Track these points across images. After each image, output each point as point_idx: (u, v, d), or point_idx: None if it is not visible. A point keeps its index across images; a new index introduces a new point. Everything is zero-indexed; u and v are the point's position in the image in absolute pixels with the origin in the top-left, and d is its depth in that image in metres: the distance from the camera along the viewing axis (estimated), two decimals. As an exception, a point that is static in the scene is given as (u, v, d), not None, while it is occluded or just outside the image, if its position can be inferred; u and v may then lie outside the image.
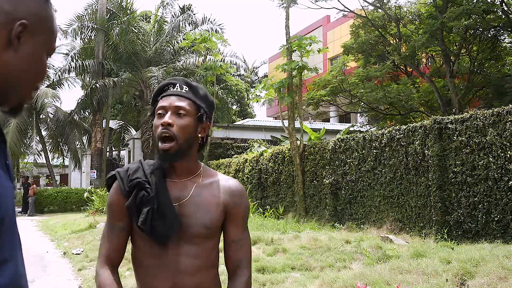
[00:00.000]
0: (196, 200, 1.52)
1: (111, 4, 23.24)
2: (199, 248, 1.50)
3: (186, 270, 1.49)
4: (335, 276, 5.33)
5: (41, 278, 6.92)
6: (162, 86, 1.57)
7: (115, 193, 1.55)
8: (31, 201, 21.55)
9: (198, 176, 1.56)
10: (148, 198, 1.48)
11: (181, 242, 1.49)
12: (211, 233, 1.52)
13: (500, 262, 4.92)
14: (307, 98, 16.77)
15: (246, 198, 1.61)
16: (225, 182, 1.58)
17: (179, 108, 1.49)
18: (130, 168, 1.57)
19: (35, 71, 0.89)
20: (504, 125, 6.91)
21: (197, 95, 1.54)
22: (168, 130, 1.46)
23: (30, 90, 0.91)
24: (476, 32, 14.46)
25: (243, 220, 1.58)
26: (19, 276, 0.83)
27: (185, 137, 1.48)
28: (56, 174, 30.61)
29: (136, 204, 1.49)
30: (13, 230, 0.83)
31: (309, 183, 11.78)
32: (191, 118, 1.50)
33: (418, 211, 8.52)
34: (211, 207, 1.52)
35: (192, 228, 1.49)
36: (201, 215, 1.50)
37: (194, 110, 1.51)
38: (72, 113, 24.17)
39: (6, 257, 0.80)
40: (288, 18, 12.83)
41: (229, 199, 1.55)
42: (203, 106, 1.54)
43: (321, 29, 31.33)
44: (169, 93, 1.53)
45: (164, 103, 1.50)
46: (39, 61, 0.89)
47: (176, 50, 23.67)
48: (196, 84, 1.57)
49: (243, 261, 1.56)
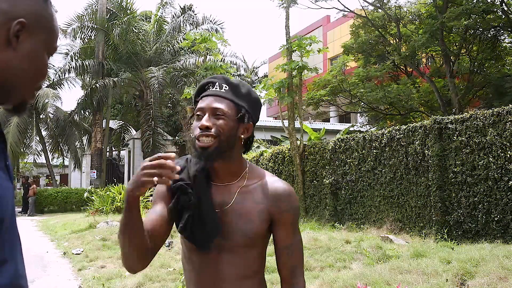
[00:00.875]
0: (238, 207, 1.44)
1: (111, 4, 23.25)
2: (241, 257, 1.44)
3: (226, 279, 1.43)
4: (335, 276, 5.33)
5: (41, 278, 6.91)
6: (202, 85, 1.49)
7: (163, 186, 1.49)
8: (31, 201, 21.55)
9: (242, 179, 1.48)
10: (189, 203, 1.43)
11: (222, 250, 1.44)
12: (253, 242, 1.45)
13: (500, 262, 4.92)
14: (307, 98, 16.77)
15: (295, 201, 1.49)
16: (270, 186, 1.47)
17: (217, 110, 1.40)
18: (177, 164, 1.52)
19: (35, 70, 0.89)
20: (504, 125, 6.91)
21: (238, 94, 1.45)
22: (206, 133, 1.39)
23: (31, 89, 0.91)
24: (476, 32, 14.46)
25: (292, 225, 1.48)
26: (19, 276, 0.83)
27: (226, 136, 1.40)
28: (56, 174, 30.61)
29: (178, 208, 1.44)
30: (13, 230, 0.83)
31: (309, 183, 11.78)
32: (231, 120, 1.41)
33: (418, 211, 8.52)
34: (254, 215, 1.44)
35: (232, 236, 1.43)
36: (242, 224, 1.43)
37: (234, 111, 1.42)
38: (73, 113, 24.18)
39: (6, 257, 0.80)
40: (288, 18, 12.83)
41: (274, 205, 1.45)
42: (244, 105, 1.45)
43: (321, 29, 31.32)
44: (208, 93, 1.45)
45: (202, 104, 1.43)
46: (39, 60, 0.90)
47: (176, 50, 23.68)
48: (237, 82, 1.48)
49: (297, 268, 1.48)
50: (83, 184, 28.91)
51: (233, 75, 28.64)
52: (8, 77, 0.85)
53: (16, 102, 0.89)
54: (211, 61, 16.33)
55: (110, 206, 14.66)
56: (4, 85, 0.85)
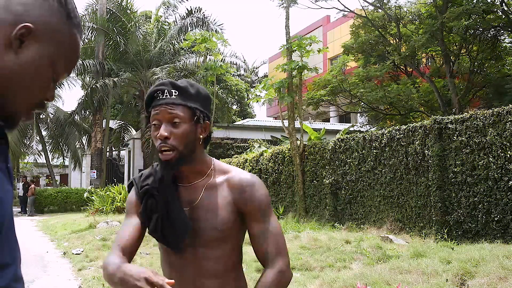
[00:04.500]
0: (205, 203, 1.49)
1: (111, 4, 23.25)
2: (217, 251, 1.48)
3: (206, 274, 1.48)
4: (335, 276, 5.33)
5: (41, 278, 6.91)
6: (151, 94, 1.48)
7: (132, 195, 1.58)
8: (29, 201, 21.55)
9: (208, 177, 1.52)
10: (156, 205, 1.48)
11: (198, 247, 1.48)
12: (226, 235, 1.48)
13: (500, 262, 4.92)
14: (307, 98, 16.77)
15: (260, 190, 1.51)
16: (235, 179, 1.52)
17: (172, 118, 1.43)
18: (143, 174, 1.58)
19: (33, 81, 0.84)
20: (504, 125, 6.91)
21: (188, 96, 1.46)
22: (165, 144, 1.42)
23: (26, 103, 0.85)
24: (476, 32, 14.46)
25: (261, 213, 1.50)
26: (18, 279, 0.83)
27: (185, 145, 1.44)
28: (56, 174, 30.60)
29: (147, 212, 1.50)
30: (11, 233, 0.84)
31: (309, 183, 11.78)
32: (188, 124, 1.44)
33: (418, 211, 8.52)
34: (221, 209, 1.48)
35: (205, 232, 1.47)
36: (211, 218, 1.47)
37: (189, 115, 1.44)
38: (73, 113, 24.19)
39: (8, 260, 0.80)
40: (288, 18, 12.83)
41: (240, 196, 1.49)
42: (197, 106, 1.46)
43: (321, 29, 31.33)
44: (159, 102, 1.45)
45: (157, 114, 1.44)
46: (39, 72, 0.85)
47: (176, 50, 23.68)
48: (184, 84, 1.47)
49: (271, 252, 1.48)
50: (83, 184, 28.92)
51: (233, 75, 28.67)
52: (4, 81, 0.81)
53: (6, 112, 0.84)
54: (211, 61, 16.35)
55: (110, 206, 14.67)
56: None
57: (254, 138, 21.41)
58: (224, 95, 25.95)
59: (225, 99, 26.63)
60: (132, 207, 1.55)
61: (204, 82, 15.91)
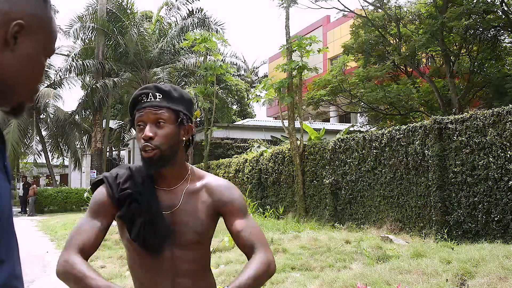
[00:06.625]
0: (186, 208, 1.53)
1: (111, 4, 23.25)
2: (194, 253, 1.53)
3: (181, 275, 1.51)
4: (335, 276, 5.33)
5: (41, 278, 6.91)
6: (135, 98, 1.52)
7: (103, 195, 1.52)
8: (31, 201, 21.54)
9: (186, 182, 1.57)
10: (140, 209, 1.48)
11: (176, 249, 1.51)
12: (204, 238, 1.55)
13: (500, 262, 4.92)
14: (307, 98, 16.78)
15: (236, 192, 1.60)
16: (213, 184, 1.58)
17: (157, 119, 1.47)
18: (119, 176, 1.55)
19: (33, 71, 0.89)
20: (504, 125, 6.91)
21: (172, 99, 1.50)
22: (149, 143, 1.45)
23: (29, 91, 0.91)
24: (476, 32, 14.45)
25: (240, 211, 1.56)
26: (15, 277, 0.82)
27: (168, 145, 1.47)
28: (56, 174, 30.61)
29: (129, 216, 1.49)
30: (10, 230, 0.83)
31: (309, 183, 11.78)
32: (172, 126, 1.48)
33: (418, 211, 8.52)
34: (201, 213, 1.54)
35: (185, 235, 1.51)
36: (192, 222, 1.52)
37: (173, 117, 1.49)
38: (73, 113, 24.19)
39: (3, 258, 0.80)
40: (288, 18, 12.83)
41: (218, 199, 1.56)
42: (180, 109, 1.51)
43: (321, 29, 31.33)
44: (144, 105, 1.49)
45: (141, 116, 1.48)
46: (36, 62, 0.90)
47: (176, 50, 23.68)
48: (168, 88, 1.52)
49: (257, 243, 1.51)
50: (83, 184, 28.91)
51: (233, 75, 28.66)
52: (6, 78, 0.85)
53: (14, 104, 0.89)
54: (211, 61, 16.35)
55: (110, 206, 14.63)
56: (2, 87, 0.85)
57: (254, 138, 21.41)
58: (224, 95, 25.96)
59: (225, 99, 26.63)
60: (101, 208, 1.50)
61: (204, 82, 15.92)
